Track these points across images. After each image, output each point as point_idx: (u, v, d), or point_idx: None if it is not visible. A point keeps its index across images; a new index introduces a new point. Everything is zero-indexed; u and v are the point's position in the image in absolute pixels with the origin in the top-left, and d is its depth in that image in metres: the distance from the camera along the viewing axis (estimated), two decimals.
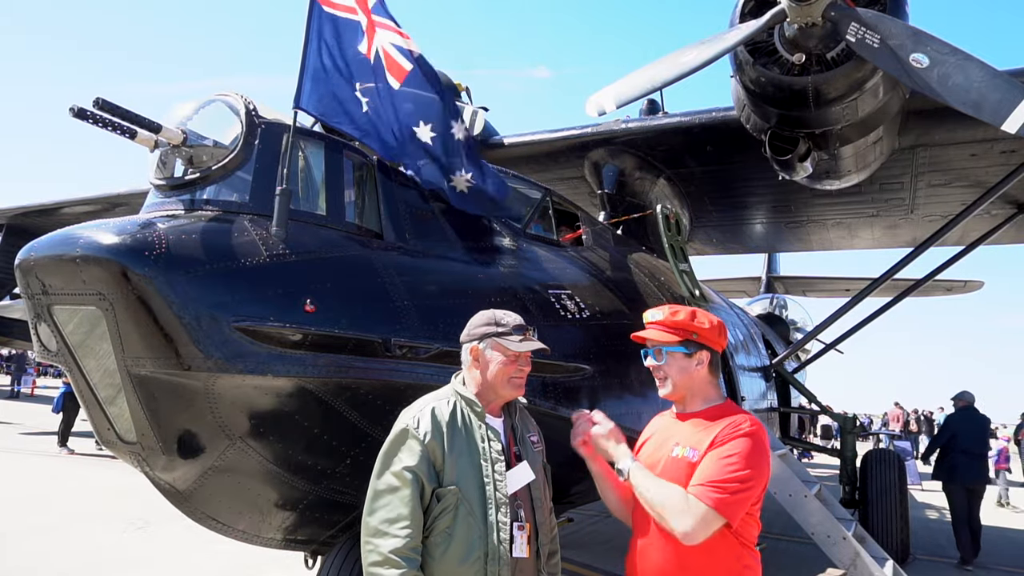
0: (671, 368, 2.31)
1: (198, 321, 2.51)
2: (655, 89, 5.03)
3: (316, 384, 2.83)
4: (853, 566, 4.82)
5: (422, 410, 2.25)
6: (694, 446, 2.17)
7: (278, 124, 3.11)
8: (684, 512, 2.02)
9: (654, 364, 2.35)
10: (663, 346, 2.32)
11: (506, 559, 2.13)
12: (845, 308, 8.11)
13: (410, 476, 2.12)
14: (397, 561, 2.03)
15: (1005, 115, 3.99)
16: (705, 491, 2.03)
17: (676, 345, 2.30)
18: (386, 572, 2.03)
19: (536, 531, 2.27)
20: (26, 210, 11.75)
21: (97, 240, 2.48)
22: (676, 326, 2.31)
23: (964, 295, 17.13)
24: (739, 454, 2.07)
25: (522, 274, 3.98)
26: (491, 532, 2.14)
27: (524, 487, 2.27)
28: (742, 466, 2.05)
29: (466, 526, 2.13)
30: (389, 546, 2.05)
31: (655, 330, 2.35)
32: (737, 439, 2.10)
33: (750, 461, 2.07)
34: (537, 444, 2.44)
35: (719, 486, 2.02)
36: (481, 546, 2.12)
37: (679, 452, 2.20)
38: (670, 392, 2.33)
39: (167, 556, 6.11)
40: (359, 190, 3.37)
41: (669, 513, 2.05)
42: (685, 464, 2.15)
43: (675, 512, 2.04)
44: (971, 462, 8.05)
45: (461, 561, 2.10)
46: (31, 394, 25.86)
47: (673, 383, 2.31)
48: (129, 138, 2.90)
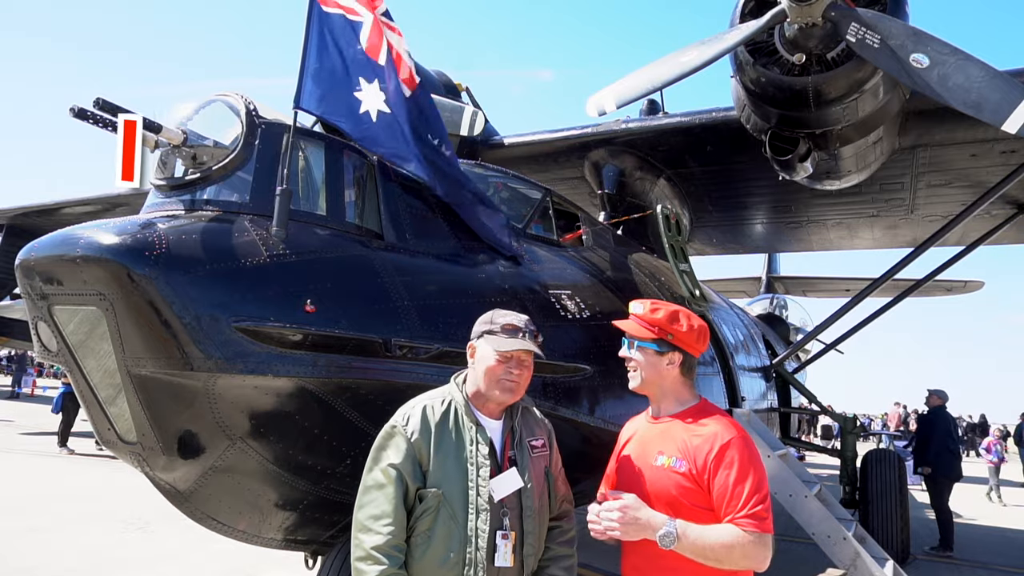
0: (640, 362, 2.33)
1: (198, 321, 2.51)
2: (655, 89, 5.03)
3: (316, 384, 2.83)
4: (853, 566, 4.81)
5: (413, 408, 2.23)
6: (679, 455, 2.17)
7: (278, 124, 3.11)
8: (749, 552, 2.03)
9: (624, 355, 2.38)
10: (636, 340, 2.35)
11: (483, 566, 2.09)
12: (845, 308, 8.11)
13: (394, 473, 2.11)
14: (378, 558, 2.03)
15: (1005, 115, 3.99)
16: (748, 522, 2.04)
17: (648, 341, 2.32)
18: (367, 568, 2.03)
19: (522, 540, 2.20)
20: (26, 210, 11.75)
21: (97, 240, 2.48)
22: (653, 323, 2.33)
23: (964, 295, 17.14)
24: (742, 466, 2.09)
25: (522, 274, 3.98)
26: (470, 539, 2.10)
27: (514, 494, 2.20)
28: (753, 476, 2.09)
29: (446, 530, 2.10)
30: (372, 542, 2.05)
31: (632, 323, 2.37)
32: (730, 451, 2.11)
33: (752, 465, 2.11)
34: (540, 450, 2.35)
35: (757, 514, 2.05)
36: (460, 551, 2.09)
37: (663, 461, 2.19)
38: (638, 385, 2.35)
39: (167, 556, 6.11)
40: (359, 190, 3.36)
41: (736, 558, 2.05)
42: (671, 473, 2.15)
43: (742, 556, 2.04)
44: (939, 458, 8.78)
45: (439, 564, 2.08)
46: (31, 394, 25.86)
47: (641, 377, 2.33)
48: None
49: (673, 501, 2.14)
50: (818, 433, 22.58)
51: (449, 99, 6.18)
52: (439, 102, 5.87)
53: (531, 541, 2.23)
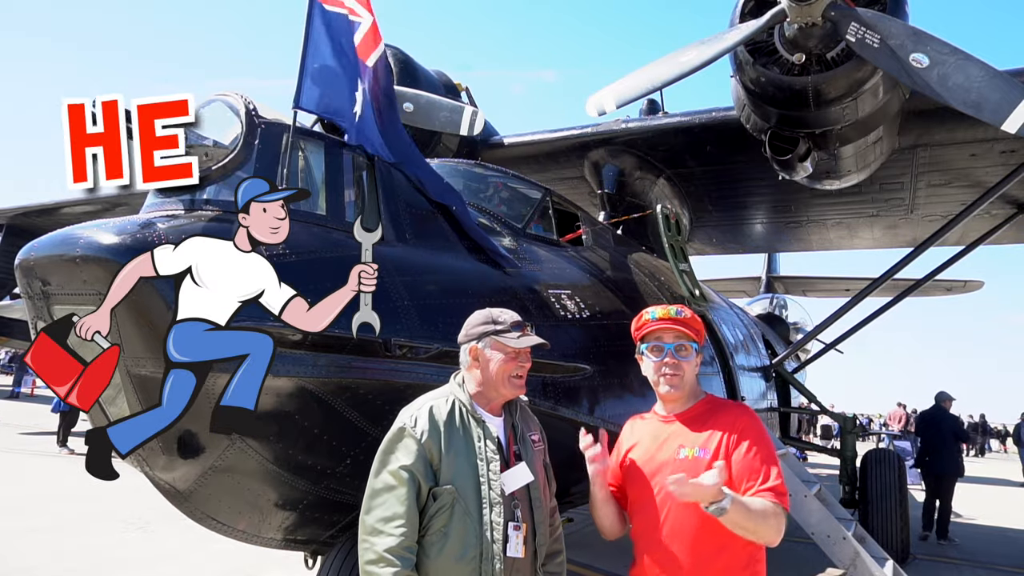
0: (689, 366, 2.34)
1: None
2: (655, 89, 5.03)
3: (316, 384, 2.84)
4: (853, 566, 4.82)
5: (420, 409, 2.25)
6: (702, 445, 2.21)
7: (278, 124, 3.11)
8: (775, 524, 2.09)
9: (673, 361, 2.32)
10: (692, 343, 2.35)
11: (499, 558, 2.13)
12: (845, 308, 8.11)
13: (406, 475, 2.12)
14: (391, 560, 2.03)
15: (1005, 115, 3.99)
16: (772, 495, 2.10)
17: (696, 343, 2.35)
18: (380, 571, 2.03)
19: (534, 531, 2.26)
20: (26, 210, 11.75)
21: (97, 240, 2.48)
22: (688, 324, 2.35)
23: (964, 295, 17.15)
24: (759, 444, 2.18)
25: (522, 274, 3.98)
26: (486, 532, 2.13)
27: (523, 487, 2.26)
28: (770, 453, 2.18)
29: (462, 525, 2.13)
30: (384, 545, 2.05)
31: (682, 329, 2.35)
32: (747, 431, 2.20)
33: (767, 443, 2.20)
34: (538, 444, 2.42)
35: (777, 488, 2.12)
36: (476, 545, 2.12)
37: (687, 453, 2.22)
38: (679, 391, 2.33)
39: (167, 556, 6.11)
40: (359, 190, 3.36)
41: (767, 529, 2.08)
42: (697, 463, 2.17)
43: (772, 527, 2.08)
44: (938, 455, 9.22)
45: (456, 559, 2.11)
46: (31, 394, 25.86)
47: (685, 381, 2.34)
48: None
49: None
50: (818, 433, 22.57)
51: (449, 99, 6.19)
52: (439, 102, 5.88)
53: (541, 531, 2.29)
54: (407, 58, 6.84)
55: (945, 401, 9.65)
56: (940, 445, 9.21)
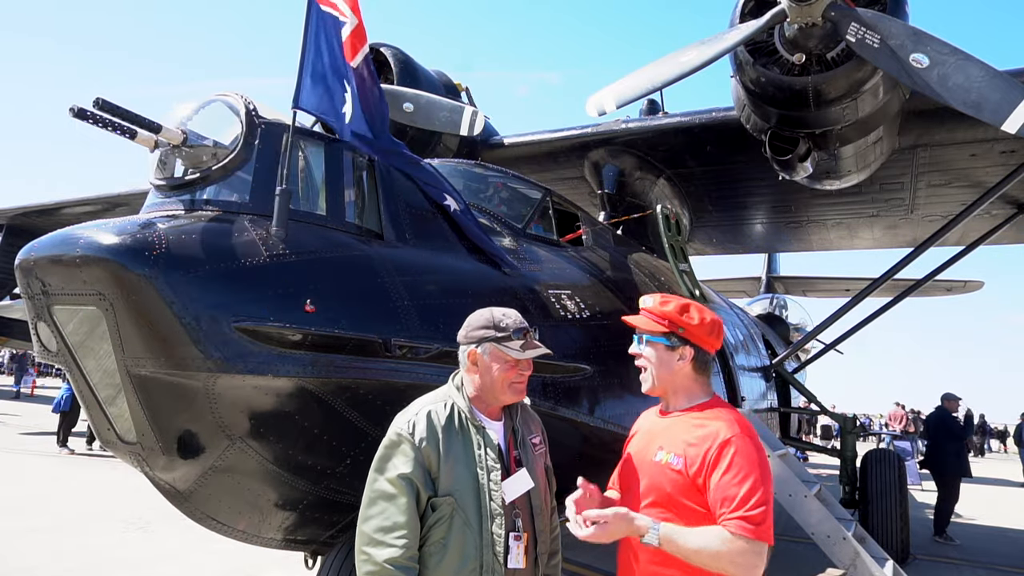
0: (651, 359, 2.21)
1: (198, 321, 2.51)
2: (655, 89, 5.03)
3: (316, 384, 2.83)
4: (853, 566, 4.82)
5: (417, 414, 2.16)
6: (677, 452, 2.07)
7: (278, 124, 3.11)
8: (737, 559, 1.88)
9: (634, 351, 2.27)
10: (646, 334, 2.23)
11: (500, 571, 2.08)
12: (845, 308, 8.11)
13: (405, 484, 2.05)
14: (393, 571, 1.96)
15: (1005, 115, 3.99)
16: (740, 524, 1.89)
17: (659, 336, 2.20)
18: None
19: (535, 540, 2.20)
20: (26, 210, 11.77)
21: (97, 240, 2.48)
22: (663, 316, 2.21)
23: (964, 295, 17.14)
24: (741, 465, 1.95)
25: (522, 274, 3.98)
26: (486, 543, 2.07)
27: (523, 494, 2.19)
28: (754, 478, 1.94)
29: (461, 537, 2.06)
30: (385, 555, 1.98)
31: (642, 317, 2.26)
32: (728, 449, 1.98)
33: (753, 466, 1.96)
34: (539, 446, 2.36)
35: (752, 518, 1.89)
36: (476, 557, 2.06)
37: (662, 457, 2.10)
38: (650, 387, 2.23)
39: (167, 556, 6.11)
40: (359, 190, 3.36)
41: (722, 566, 1.90)
42: (667, 470, 2.06)
43: (728, 564, 1.89)
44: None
45: (456, 571, 2.05)
46: (31, 394, 25.86)
47: (652, 376, 2.21)
48: (129, 138, 2.90)
49: (668, 498, 2.06)
50: (818, 433, 22.59)
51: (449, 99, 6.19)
52: (439, 102, 5.88)
53: (543, 539, 2.24)
54: (407, 58, 6.83)
55: (949, 402, 9.82)
56: (944, 445, 9.42)
